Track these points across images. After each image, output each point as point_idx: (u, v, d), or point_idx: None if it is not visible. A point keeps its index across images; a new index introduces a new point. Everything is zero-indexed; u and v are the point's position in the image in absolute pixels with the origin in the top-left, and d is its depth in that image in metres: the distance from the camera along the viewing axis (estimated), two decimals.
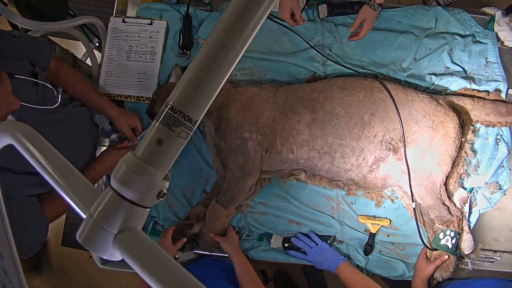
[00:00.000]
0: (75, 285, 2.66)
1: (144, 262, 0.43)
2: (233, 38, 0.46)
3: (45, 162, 0.52)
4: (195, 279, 0.41)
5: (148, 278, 0.41)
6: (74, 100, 1.45)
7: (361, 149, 1.45)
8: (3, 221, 0.54)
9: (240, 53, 0.48)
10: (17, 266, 0.52)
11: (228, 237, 1.51)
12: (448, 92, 1.61)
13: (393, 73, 1.62)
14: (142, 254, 0.44)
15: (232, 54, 0.47)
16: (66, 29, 1.58)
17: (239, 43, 0.47)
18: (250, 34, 0.47)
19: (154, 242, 0.46)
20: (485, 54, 1.63)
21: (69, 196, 0.50)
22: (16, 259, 0.52)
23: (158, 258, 0.43)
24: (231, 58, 0.47)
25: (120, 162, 0.48)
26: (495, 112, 1.54)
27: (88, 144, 1.52)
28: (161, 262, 0.43)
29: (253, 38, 0.49)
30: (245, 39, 0.47)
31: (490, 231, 1.59)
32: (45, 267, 2.69)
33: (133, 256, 0.44)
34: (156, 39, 1.63)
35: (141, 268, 0.42)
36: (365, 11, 1.48)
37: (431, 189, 1.44)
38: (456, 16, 1.65)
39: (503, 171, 1.56)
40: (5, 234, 0.53)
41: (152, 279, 0.41)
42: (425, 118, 1.43)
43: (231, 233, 1.53)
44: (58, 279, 2.68)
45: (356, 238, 1.58)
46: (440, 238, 1.46)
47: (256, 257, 1.57)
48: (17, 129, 0.56)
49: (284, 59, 1.64)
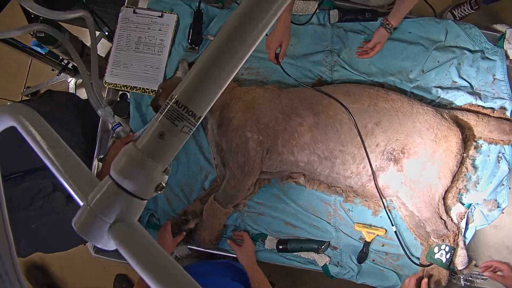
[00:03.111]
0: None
1: (137, 253, 0.43)
2: (243, 37, 0.46)
3: (46, 146, 0.52)
4: (185, 272, 0.41)
5: (140, 269, 0.41)
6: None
7: (362, 158, 1.44)
8: (3, 219, 0.54)
9: (248, 52, 0.48)
10: (15, 262, 0.52)
11: (244, 246, 1.49)
12: (453, 106, 1.61)
13: (400, 83, 1.62)
14: (136, 245, 0.44)
15: (240, 53, 0.47)
16: (62, 19, 1.56)
17: (248, 42, 0.47)
18: (259, 34, 0.47)
19: (149, 234, 0.46)
20: (493, 71, 1.62)
21: (67, 182, 0.50)
22: (14, 257, 0.52)
23: (151, 250, 0.43)
24: (239, 57, 0.47)
25: (121, 153, 0.48)
26: (499, 130, 1.53)
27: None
28: (153, 254, 0.43)
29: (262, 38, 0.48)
30: (254, 39, 0.47)
31: (485, 248, 1.59)
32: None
33: (127, 246, 0.44)
34: (165, 32, 1.64)
35: (133, 259, 0.42)
36: (380, 34, 1.53)
37: (429, 202, 1.44)
38: (467, 31, 1.65)
39: (503, 189, 1.55)
40: (5, 232, 0.53)
41: (144, 271, 0.41)
42: (428, 131, 1.43)
43: (248, 242, 1.50)
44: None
45: (350, 245, 1.57)
46: (435, 252, 1.46)
47: None
48: (20, 112, 0.56)
49: (292, 61, 1.64)
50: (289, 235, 1.58)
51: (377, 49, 1.55)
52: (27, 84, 2.67)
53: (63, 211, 1.25)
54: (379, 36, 1.53)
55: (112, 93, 1.67)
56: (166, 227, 1.49)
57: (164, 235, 1.47)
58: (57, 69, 2.35)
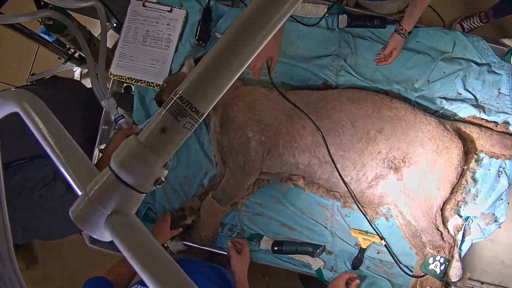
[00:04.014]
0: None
1: (132, 246, 0.43)
2: (250, 36, 0.46)
3: (48, 134, 0.52)
4: (179, 267, 0.42)
5: (134, 262, 0.41)
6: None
7: (363, 164, 1.44)
8: (2, 212, 0.54)
9: (255, 51, 0.47)
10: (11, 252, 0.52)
11: (243, 257, 1.47)
12: (457, 118, 1.61)
13: (405, 91, 1.62)
14: (131, 238, 0.44)
15: (247, 52, 0.47)
16: (70, 7, 1.56)
17: (255, 42, 0.46)
18: (267, 34, 0.47)
19: (145, 227, 0.46)
20: (499, 85, 1.62)
21: (67, 171, 0.50)
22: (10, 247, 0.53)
23: (147, 244, 0.43)
24: (246, 56, 0.47)
25: (122, 145, 0.48)
26: (501, 144, 1.53)
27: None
28: (148, 248, 0.43)
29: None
30: (261, 39, 0.47)
31: (480, 262, 1.58)
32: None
33: (122, 238, 0.44)
34: (173, 27, 1.64)
35: (128, 251, 0.42)
36: (395, 39, 1.52)
37: (427, 212, 1.43)
38: (475, 44, 1.64)
39: (501, 203, 1.55)
40: (3, 222, 0.53)
41: (137, 263, 0.41)
42: (430, 142, 1.43)
43: (247, 254, 1.48)
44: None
45: (346, 250, 1.57)
46: (429, 262, 1.45)
47: None
48: (24, 98, 0.56)
49: (298, 63, 1.63)
50: (285, 237, 1.58)
51: (394, 55, 1.55)
52: (32, 71, 2.68)
53: (62, 200, 1.25)
54: (394, 42, 1.53)
55: (116, 85, 1.67)
56: (166, 218, 1.49)
57: (161, 225, 1.47)
58: (63, 58, 2.35)
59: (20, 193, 1.18)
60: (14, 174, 1.17)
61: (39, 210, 1.23)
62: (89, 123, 1.61)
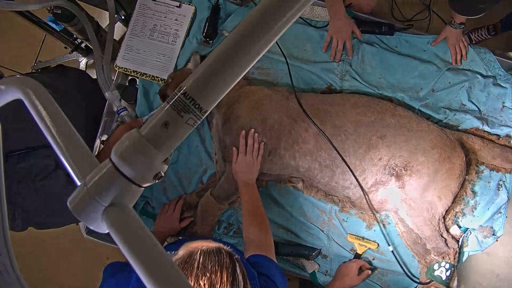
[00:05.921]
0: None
1: (128, 239, 0.43)
2: (258, 35, 0.46)
3: (50, 122, 0.52)
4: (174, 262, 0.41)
5: (129, 255, 0.41)
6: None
7: (363, 170, 1.44)
8: (2, 217, 0.54)
9: (262, 51, 0.47)
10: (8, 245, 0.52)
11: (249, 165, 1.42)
12: (459, 128, 1.60)
13: (409, 99, 1.61)
14: (127, 231, 0.44)
15: (254, 52, 0.47)
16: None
17: (262, 41, 0.46)
18: (275, 35, 0.46)
19: (141, 221, 0.46)
20: (503, 98, 1.62)
21: (67, 161, 0.50)
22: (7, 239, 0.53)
23: (143, 237, 0.43)
24: (252, 55, 0.47)
25: (123, 137, 0.48)
26: (502, 157, 1.53)
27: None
28: (144, 241, 0.43)
29: (277, 40, 0.48)
30: (269, 39, 0.47)
31: (475, 274, 1.58)
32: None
33: (119, 231, 0.44)
34: (181, 22, 1.64)
35: (124, 243, 0.42)
36: (446, 31, 1.58)
37: (429, 221, 1.43)
38: (481, 55, 1.64)
39: (500, 217, 1.54)
40: (2, 229, 0.53)
41: (132, 256, 0.41)
42: (433, 151, 1.43)
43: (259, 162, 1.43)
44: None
45: (341, 255, 1.57)
46: (435, 269, 1.46)
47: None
48: (28, 85, 0.56)
49: (303, 66, 1.63)
50: (281, 239, 1.58)
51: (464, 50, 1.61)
52: (38, 59, 2.68)
53: (63, 190, 1.26)
54: (445, 33, 1.59)
55: (121, 78, 1.68)
56: (177, 206, 1.51)
57: (171, 215, 1.49)
58: (70, 47, 2.35)
59: (21, 180, 1.18)
60: (18, 162, 1.18)
61: (39, 199, 1.23)
62: (92, 113, 1.61)
